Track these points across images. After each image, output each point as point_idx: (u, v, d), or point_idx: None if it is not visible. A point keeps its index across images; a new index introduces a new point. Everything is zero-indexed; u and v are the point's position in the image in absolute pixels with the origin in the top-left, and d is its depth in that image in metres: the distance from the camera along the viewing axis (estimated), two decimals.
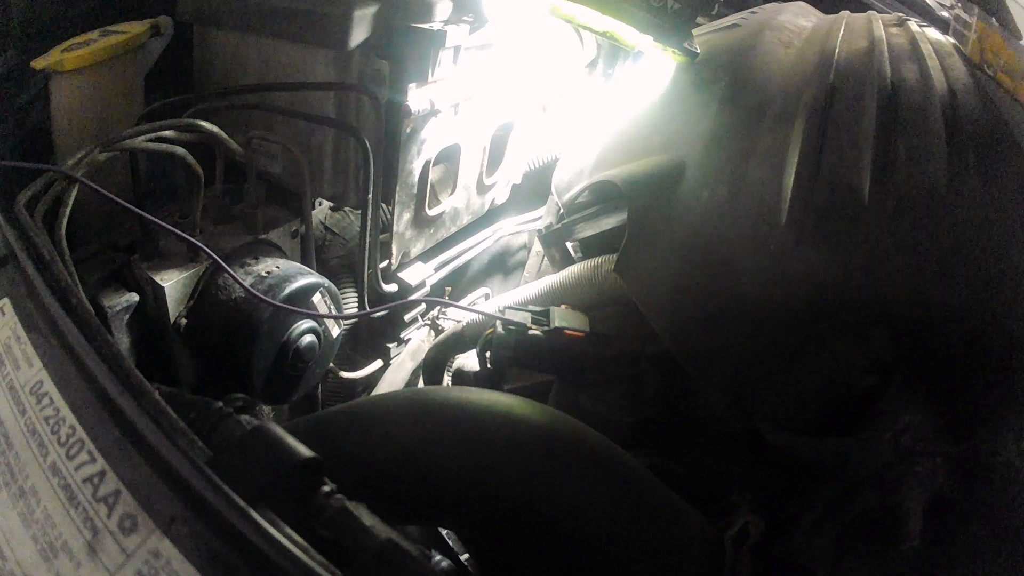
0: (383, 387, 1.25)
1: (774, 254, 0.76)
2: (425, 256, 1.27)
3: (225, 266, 0.84)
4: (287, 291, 0.89)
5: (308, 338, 0.94)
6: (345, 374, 1.20)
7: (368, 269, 1.09)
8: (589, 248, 1.11)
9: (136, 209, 0.79)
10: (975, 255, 0.77)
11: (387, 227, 1.12)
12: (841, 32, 1.02)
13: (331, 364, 1.08)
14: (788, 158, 0.80)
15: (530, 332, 0.91)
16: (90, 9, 1.01)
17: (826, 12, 1.22)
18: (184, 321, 0.88)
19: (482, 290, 1.52)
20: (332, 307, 0.97)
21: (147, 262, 0.87)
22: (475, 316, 1.10)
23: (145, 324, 0.89)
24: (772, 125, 0.85)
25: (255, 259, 0.94)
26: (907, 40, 1.01)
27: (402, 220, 1.13)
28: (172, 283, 0.85)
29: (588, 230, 1.07)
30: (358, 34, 0.92)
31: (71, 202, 0.75)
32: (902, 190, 0.77)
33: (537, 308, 0.96)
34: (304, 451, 0.42)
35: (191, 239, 0.83)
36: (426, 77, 0.98)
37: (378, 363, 1.27)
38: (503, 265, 1.63)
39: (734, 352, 0.79)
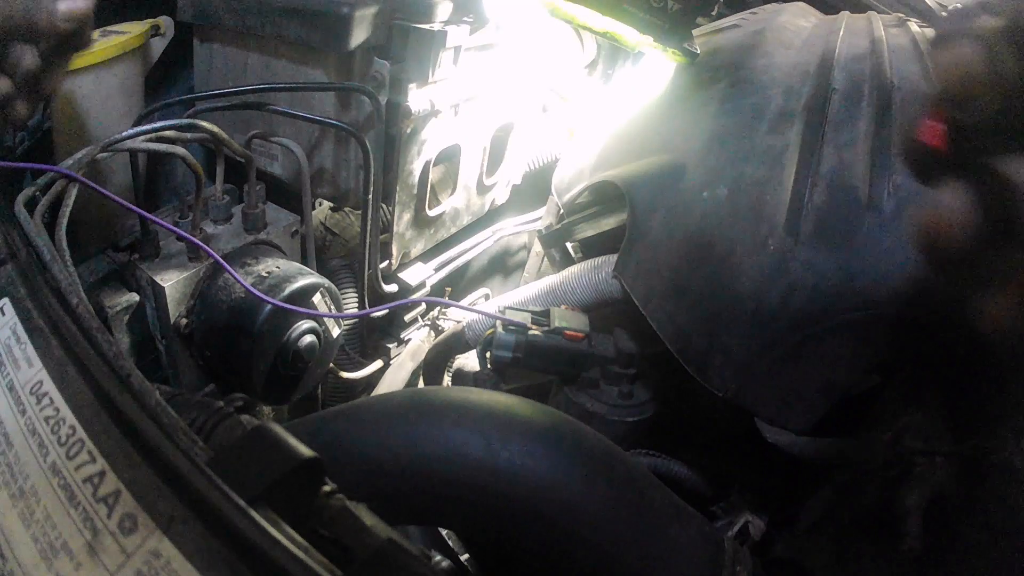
0: (383, 387, 1.25)
1: (774, 254, 0.76)
2: (425, 256, 1.27)
3: (226, 266, 0.84)
4: (287, 291, 0.89)
5: (308, 338, 0.94)
6: (345, 374, 1.20)
7: (368, 269, 1.09)
8: (589, 248, 1.11)
9: (136, 209, 0.79)
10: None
11: (387, 227, 1.12)
12: (841, 32, 1.02)
13: (331, 364, 1.08)
14: (787, 158, 0.80)
15: (530, 332, 0.91)
16: None
17: (826, 12, 1.22)
18: (184, 321, 0.88)
19: (482, 290, 1.52)
20: (332, 307, 0.97)
21: (147, 262, 0.87)
22: (475, 316, 1.10)
23: (145, 324, 0.89)
24: (772, 125, 0.85)
25: (255, 259, 0.94)
26: (907, 40, 1.01)
27: (402, 220, 1.13)
28: (172, 283, 0.86)
29: (588, 230, 1.07)
30: (358, 35, 0.92)
31: (71, 202, 0.75)
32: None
33: (537, 308, 0.96)
34: (304, 451, 0.41)
35: (191, 239, 0.83)
36: (426, 78, 0.99)
37: (378, 363, 1.27)
38: (503, 265, 1.63)
39: (734, 352, 0.79)
